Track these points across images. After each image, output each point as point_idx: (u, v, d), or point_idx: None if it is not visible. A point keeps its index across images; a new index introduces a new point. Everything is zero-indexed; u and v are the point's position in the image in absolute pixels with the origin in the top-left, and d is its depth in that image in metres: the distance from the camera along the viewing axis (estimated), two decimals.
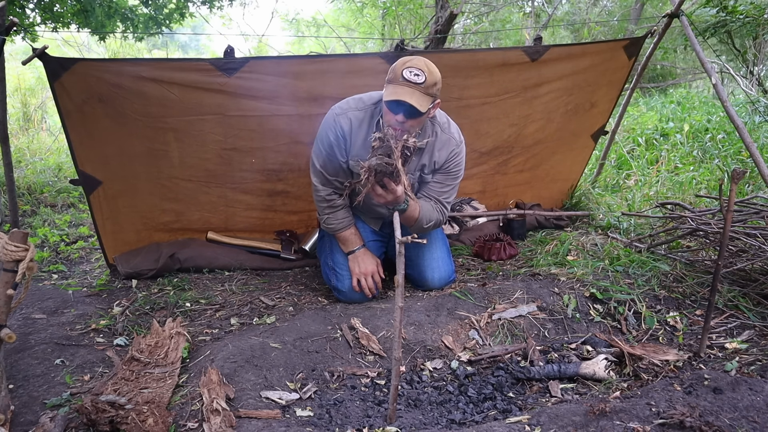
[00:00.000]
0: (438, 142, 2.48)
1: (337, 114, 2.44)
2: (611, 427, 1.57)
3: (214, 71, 2.68)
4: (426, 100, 2.21)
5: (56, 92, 2.54)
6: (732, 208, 1.95)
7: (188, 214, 3.16)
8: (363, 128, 2.43)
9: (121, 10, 5.82)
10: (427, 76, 2.19)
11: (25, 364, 2.06)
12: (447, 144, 2.49)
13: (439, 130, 2.49)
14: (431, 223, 2.54)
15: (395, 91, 2.20)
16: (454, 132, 2.52)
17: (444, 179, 2.56)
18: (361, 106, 2.44)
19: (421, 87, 2.19)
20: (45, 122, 7.42)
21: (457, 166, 2.55)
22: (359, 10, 10.02)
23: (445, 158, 2.50)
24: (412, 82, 2.18)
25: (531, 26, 9.44)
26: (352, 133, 2.43)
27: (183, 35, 12.35)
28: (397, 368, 1.73)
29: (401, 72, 2.20)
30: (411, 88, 2.19)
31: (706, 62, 3.11)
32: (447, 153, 2.50)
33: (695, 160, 4.88)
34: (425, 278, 2.71)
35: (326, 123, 2.47)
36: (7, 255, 1.58)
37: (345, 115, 2.43)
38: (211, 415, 1.70)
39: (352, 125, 2.42)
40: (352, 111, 2.43)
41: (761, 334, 2.22)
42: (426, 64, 2.22)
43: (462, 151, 2.54)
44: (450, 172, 2.55)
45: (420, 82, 2.19)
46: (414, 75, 2.19)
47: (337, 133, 2.43)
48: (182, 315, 2.56)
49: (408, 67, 2.20)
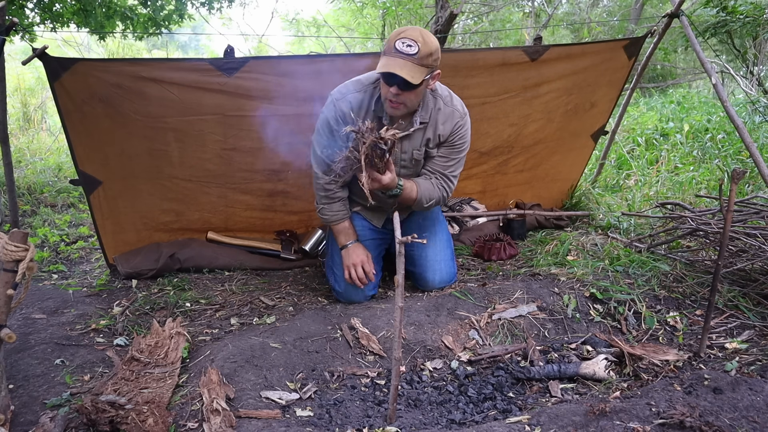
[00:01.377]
0: (441, 116, 2.45)
1: (337, 99, 2.42)
2: (611, 427, 1.57)
3: (214, 71, 2.68)
4: (420, 71, 2.17)
5: (56, 92, 2.54)
6: (732, 208, 1.95)
7: (188, 214, 3.16)
8: (363, 109, 2.42)
9: (120, 10, 5.82)
10: (421, 46, 2.15)
11: (25, 364, 2.06)
12: (451, 117, 2.45)
13: (442, 103, 2.45)
14: (432, 201, 2.52)
15: (387, 63, 2.17)
16: (457, 104, 2.48)
17: (449, 153, 2.51)
18: (360, 87, 2.43)
19: (414, 58, 2.15)
20: (45, 122, 7.41)
21: (462, 139, 2.50)
22: (359, 10, 10.01)
23: (449, 131, 2.46)
24: (403, 53, 2.15)
25: (531, 26, 9.44)
26: (351, 116, 2.41)
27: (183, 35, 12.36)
28: (397, 368, 1.73)
29: (394, 43, 2.17)
30: (403, 60, 2.15)
31: (706, 62, 3.11)
32: (451, 125, 2.46)
33: (695, 160, 4.88)
34: (426, 279, 2.71)
35: (326, 109, 2.46)
36: (7, 255, 1.58)
37: (344, 99, 2.41)
38: (211, 415, 1.70)
39: (352, 108, 2.41)
40: (351, 94, 2.42)
41: (761, 334, 2.22)
42: (421, 34, 2.18)
43: (466, 123, 2.50)
44: (455, 145, 2.50)
45: (413, 53, 2.15)
46: (406, 46, 2.15)
47: (337, 118, 2.41)
48: (182, 315, 2.56)
49: (401, 38, 2.16)
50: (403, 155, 2.52)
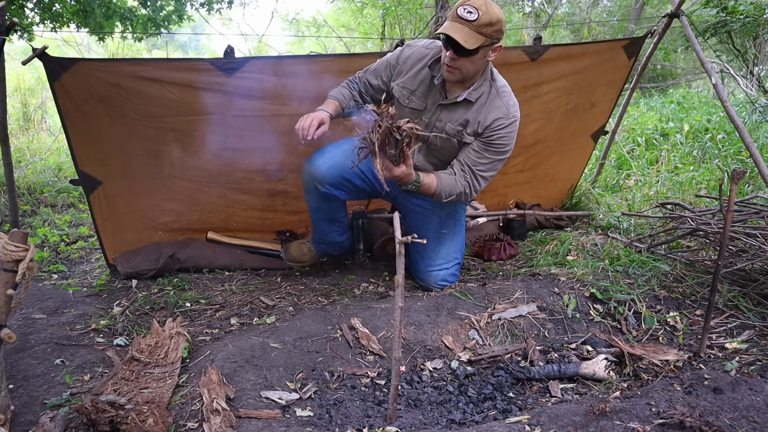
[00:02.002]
0: (489, 104, 2.42)
1: (408, 45, 2.57)
2: (611, 427, 1.57)
3: (214, 71, 2.68)
4: (476, 38, 2.21)
5: (56, 92, 2.54)
6: (732, 208, 1.95)
7: (188, 214, 3.16)
8: (422, 62, 2.49)
9: (120, 11, 5.83)
10: (482, 14, 2.19)
11: (25, 364, 2.06)
12: (496, 110, 2.39)
13: (495, 93, 2.42)
14: (452, 197, 2.46)
15: (446, 26, 2.24)
16: (510, 103, 2.42)
17: (484, 148, 2.43)
18: (429, 45, 2.51)
19: (473, 24, 2.20)
20: (45, 122, 7.41)
21: (501, 139, 2.40)
22: (359, 10, 10.01)
23: (488, 123, 2.39)
24: (463, 18, 2.20)
25: (531, 26, 9.44)
26: (408, 63, 2.52)
27: (183, 35, 12.35)
28: (397, 368, 1.73)
29: (457, 9, 2.23)
30: (461, 24, 2.21)
31: (706, 62, 3.11)
32: (492, 118, 2.39)
33: (695, 160, 4.88)
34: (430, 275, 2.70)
35: (397, 49, 2.60)
36: (7, 255, 1.58)
37: (413, 47, 2.54)
38: (211, 415, 1.70)
39: (412, 57, 2.51)
40: (420, 48, 2.52)
41: (761, 334, 2.22)
42: (486, 2, 2.22)
43: (511, 126, 2.40)
44: (491, 143, 2.41)
45: (472, 20, 2.19)
46: (467, 12, 2.20)
47: (396, 57, 2.55)
48: (182, 315, 2.56)
49: (464, 5, 2.22)
50: (439, 123, 2.48)
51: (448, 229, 2.77)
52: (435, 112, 2.49)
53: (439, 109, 2.48)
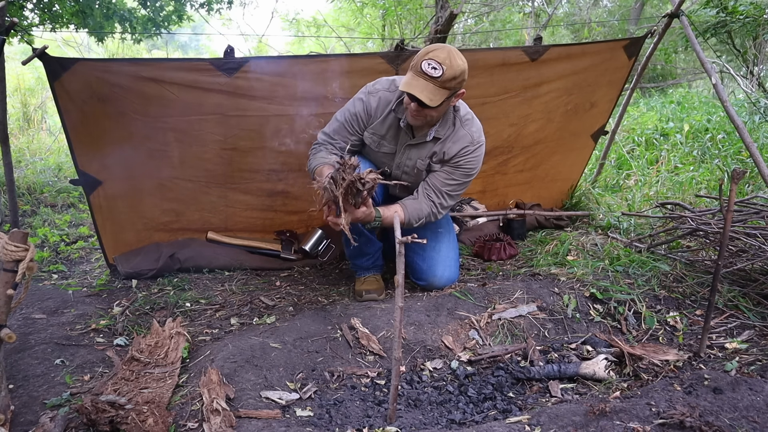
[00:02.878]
0: (454, 136, 2.47)
1: (370, 92, 2.51)
2: (611, 427, 1.57)
3: (214, 71, 2.68)
4: (440, 94, 2.20)
5: (56, 92, 2.54)
6: (732, 208, 1.95)
7: (188, 214, 3.16)
8: (389, 107, 2.50)
9: (119, 12, 5.83)
10: (446, 70, 2.17)
11: (25, 364, 2.06)
12: (461, 140, 2.46)
13: (459, 124, 2.47)
14: (421, 221, 2.51)
15: (410, 82, 2.22)
16: (474, 130, 2.48)
17: (452, 171, 2.50)
18: (393, 88, 2.50)
19: (437, 81, 2.18)
20: (45, 122, 7.41)
21: (468, 163, 2.49)
22: (359, 10, 10.01)
23: (455, 152, 2.46)
24: (427, 74, 2.18)
25: (531, 26, 9.44)
26: (378, 111, 2.50)
27: (183, 35, 12.36)
28: (397, 368, 1.73)
29: (421, 62, 2.19)
30: (426, 81, 2.19)
31: (706, 62, 3.11)
32: (458, 148, 2.46)
33: (695, 160, 4.88)
34: (435, 273, 2.69)
35: (358, 96, 2.54)
36: (7, 255, 1.58)
37: (376, 94, 2.50)
38: (211, 415, 1.70)
39: (379, 104, 2.49)
40: (383, 92, 2.50)
41: (761, 334, 2.22)
42: (449, 56, 2.19)
43: (477, 151, 2.48)
44: (459, 167, 2.49)
45: (436, 76, 2.17)
46: (431, 68, 2.17)
47: (364, 107, 2.50)
48: (182, 315, 2.56)
49: (428, 59, 2.18)
50: (408, 161, 2.56)
51: (443, 227, 2.78)
52: (404, 152, 2.55)
53: (408, 149, 2.53)
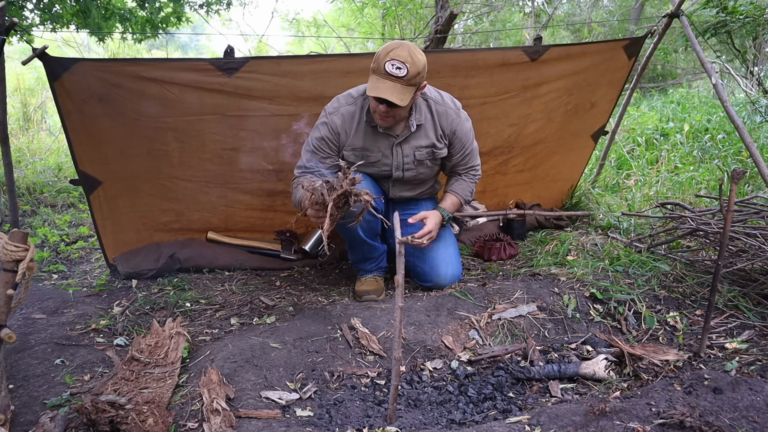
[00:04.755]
0: (437, 116, 2.54)
1: (330, 113, 2.50)
2: (611, 427, 1.57)
3: (214, 71, 2.68)
4: (408, 91, 2.22)
5: (56, 92, 2.54)
6: (732, 208, 1.95)
7: (188, 214, 3.16)
8: (355, 119, 2.50)
9: (119, 12, 5.83)
10: (410, 68, 2.18)
11: (25, 364, 2.06)
12: (445, 115, 2.55)
13: (434, 104, 2.53)
14: (473, 193, 2.79)
15: (376, 86, 2.21)
16: (448, 101, 2.56)
17: (461, 149, 2.63)
18: (351, 100, 2.50)
19: (403, 80, 2.19)
20: (45, 122, 7.41)
21: (463, 132, 2.59)
22: (359, 10, 10.01)
23: (450, 128, 2.56)
24: (393, 75, 2.18)
25: (531, 26, 9.44)
26: (345, 126, 2.50)
27: (183, 35, 12.36)
28: (397, 368, 1.73)
29: (384, 64, 2.19)
30: (392, 82, 2.19)
31: (706, 62, 3.11)
32: (448, 122, 2.55)
33: (695, 160, 4.88)
34: (439, 273, 2.68)
35: (319, 121, 2.54)
36: (7, 255, 1.58)
37: (337, 112, 2.49)
38: (211, 415, 1.70)
39: (344, 121, 2.49)
40: (344, 107, 2.49)
41: (761, 334, 2.22)
42: (410, 53, 2.20)
43: (462, 117, 2.58)
44: (462, 140, 2.60)
45: (402, 76, 2.18)
46: (396, 68, 2.18)
47: (329, 129, 2.50)
48: (182, 315, 2.56)
49: (390, 60, 2.19)
50: (405, 158, 2.58)
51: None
52: (397, 152, 2.56)
53: (398, 147, 2.55)
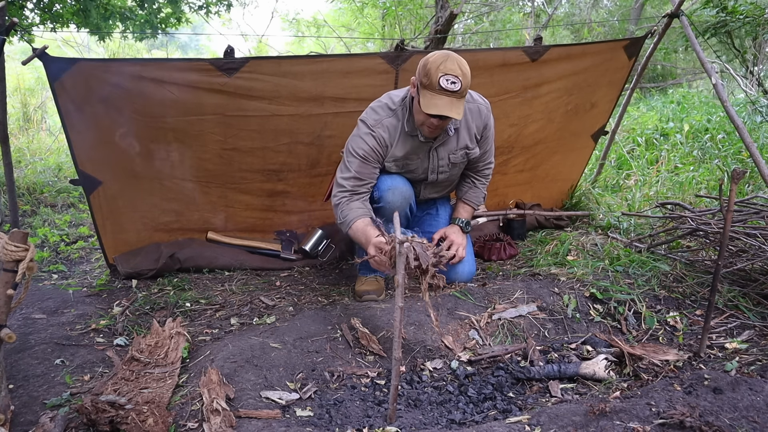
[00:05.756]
0: (469, 115, 2.53)
1: (373, 125, 2.44)
2: (611, 427, 1.57)
3: (214, 71, 2.68)
4: (462, 103, 2.24)
5: (56, 92, 2.54)
6: (732, 208, 1.95)
7: (188, 214, 3.16)
8: (398, 131, 2.47)
9: (119, 11, 5.84)
10: (462, 80, 2.17)
11: (25, 364, 2.06)
12: (478, 113, 2.55)
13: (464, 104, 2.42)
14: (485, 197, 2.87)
15: (435, 103, 2.18)
16: (478, 98, 2.57)
17: (484, 144, 2.65)
18: (390, 113, 2.46)
19: (458, 94, 2.18)
20: (45, 122, 7.41)
21: (491, 127, 2.63)
22: (359, 10, 10.02)
23: (482, 125, 2.57)
24: (449, 90, 2.16)
25: (531, 26, 9.44)
26: (391, 139, 2.47)
27: (183, 35, 12.36)
28: (397, 368, 1.73)
29: (438, 80, 2.15)
30: (449, 97, 2.18)
31: (706, 62, 3.11)
32: (481, 120, 2.56)
33: (695, 160, 4.88)
34: (456, 270, 2.67)
35: (363, 131, 2.45)
36: (7, 255, 1.58)
37: (380, 125, 2.44)
38: (211, 415, 1.70)
39: (390, 133, 2.46)
40: (385, 119, 2.45)
41: (761, 334, 2.22)
42: (459, 65, 2.18)
43: (490, 112, 2.60)
44: (488, 136, 2.64)
45: (457, 90, 2.17)
46: (451, 84, 2.15)
47: (378, 142, 2.44)
48: (182, 315, 2.56)
49: (444, 75, 2.15)
50: (441, 161, 2.59)
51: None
52: (434, 156, 2.57)
53: (434, 151, 2.56)
